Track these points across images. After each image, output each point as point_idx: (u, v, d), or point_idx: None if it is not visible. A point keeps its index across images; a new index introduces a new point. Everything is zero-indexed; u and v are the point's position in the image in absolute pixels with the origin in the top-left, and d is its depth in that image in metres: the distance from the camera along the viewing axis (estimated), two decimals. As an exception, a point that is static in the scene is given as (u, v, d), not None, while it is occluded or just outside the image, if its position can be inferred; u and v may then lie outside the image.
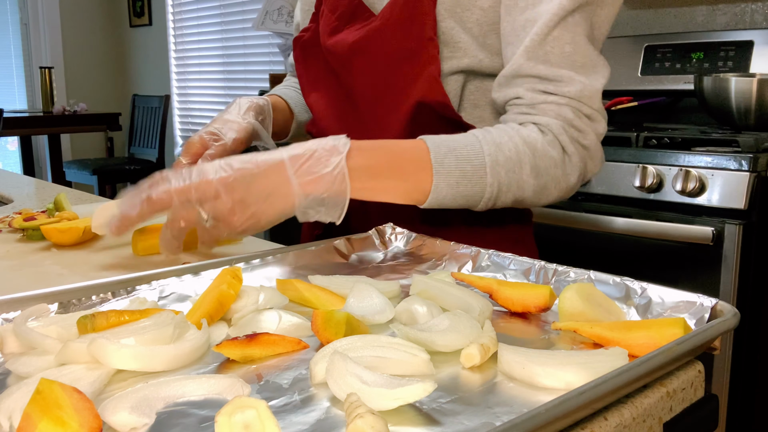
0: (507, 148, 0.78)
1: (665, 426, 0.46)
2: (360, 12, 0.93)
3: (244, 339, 0.49)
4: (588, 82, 0.82)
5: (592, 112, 0.83)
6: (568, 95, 0.81)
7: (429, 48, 0.86)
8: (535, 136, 0.80)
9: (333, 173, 0.69)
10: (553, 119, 0.81)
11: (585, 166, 0.83)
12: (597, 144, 0.84)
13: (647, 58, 2.17)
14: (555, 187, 0.82)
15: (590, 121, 0.83)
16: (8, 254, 0.83)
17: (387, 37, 0.88)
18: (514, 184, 0.79)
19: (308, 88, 1.01)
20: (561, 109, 0.81)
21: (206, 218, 0.68)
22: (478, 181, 0.77)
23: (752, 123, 1.76)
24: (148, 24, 4.92)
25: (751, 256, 1.49)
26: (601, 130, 0.84)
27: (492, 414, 0.41)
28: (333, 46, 0.93)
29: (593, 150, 0.83)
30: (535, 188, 0.80)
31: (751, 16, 2.08)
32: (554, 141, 0.81)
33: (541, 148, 0.79)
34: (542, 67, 0.81)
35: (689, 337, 0.46)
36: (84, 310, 0.56)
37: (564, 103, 0.81)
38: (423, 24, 0.85)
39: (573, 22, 0.81)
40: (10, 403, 0.41)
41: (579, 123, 0.82)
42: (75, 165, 4.52)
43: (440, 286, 0.60)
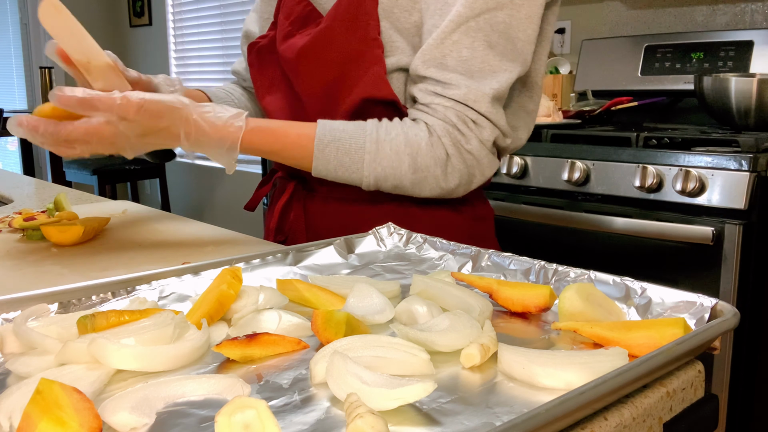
0: (389, 146, 0.85)
1: (665, 426, 0.46)
2: (313, 17, 0.94)
3: (244, 339, 0.49)
4: (476, 86, 0.84)
5: (477, 117, 0.85)
6: (452, 98, 0.85)
7: (373, 48, 0.88)
8: (421, 135, 0.85)
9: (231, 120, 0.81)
10: (439, 121, 0.85)
11: (470, 169, 0.87)
12: (482, 149, 0.87)
13: (647, 58, 2.17)
14: (435, 184, 0.87)
15: (475, 125, 0.85)
16: (8, 254, 0.83)
17: (332, 40, 0.89)
18: (391, 176, 0.86)
19: (262, 91, 1.03)
20: (447, 111, 0.85)
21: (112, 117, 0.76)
22: (355, 171, 0.86)
23: (752, 123, 1.76)
24: (148, 24, 4.92)
25: (751, 256, 1.49)
26: (486, 136, 0.86)
27: (492, 414, 0.41)
28: (284, 51, 0.95)
29: (478, 155, 0.86)
30: (413, 180, 0.86)
31: (751, 16, 2.08)
32: (438, 142, 0.85)
33: (425, 148, 0.85)
34: (434, 70, 0.85)
35: (689, 337, 0.46)
36: (84, 310, 0.56)
37: (449, 105, 0.85)
38: (367, 25, 0.88)
39: (475, 28, 0.84)
40: (10, 403, 0.41)
41: (462, 127, 0.85)
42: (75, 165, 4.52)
43: (440, 286, 0.60)
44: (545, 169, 1.76)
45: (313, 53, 0.91)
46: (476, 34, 0.84)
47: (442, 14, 0.86)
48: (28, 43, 5.07)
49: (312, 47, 0.91)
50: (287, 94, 0.98)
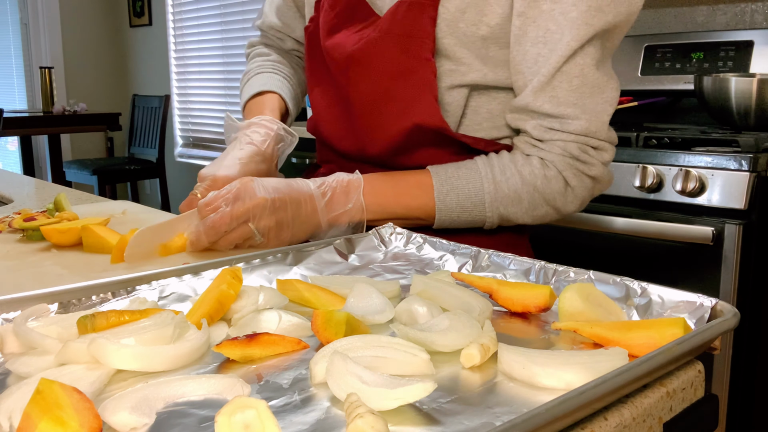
0: (507, 187, 0.86)
1: (665, 426, 0.46)
2: (360, 9, 0.91)
3: (244, 339, 0.49)
4: (594, 117, 0.84)
5: (599, 143, 0.86)
6: (574, 132, 0.84)
7: (426, 69, 0.85)
8: (536, 172, 0.85)
9: (353, 209, 0.84)
10: (558, 155, 0.85)
11: (591, 191, 0.89)
12: (604, 171, 0.87)
13: (647, 58, 2.17)
14: (555, 213, 0.89)
15: (597, 151, 0.86)
16: (8, 254, 0.83)
17: (384, 52, 0.87)
18: (512, 216, 0.87)
19: (312, 82, 1.01)
20: (567, 145, 0.85)
21: (257, 235, 0.79)
22: (477, 214, 0.87)
23: (752, 123, 1.76)
24: (148, 24, 4.92)
25: (751, 256, 1.49)
26: (608, 158, 0.87)
27: (492, 414, 0.41)
28: (331, 49, 0.92)
29: (600, 177, 0.88)
30: (533, 217, 0.88)
31: (751, 16, 2.08)
32: (557, 176, 0.86)
33: (541, 185, 0.86)
34: (548, 106, 0.84)
35: (689, 337, 0.46)
36: (84, 310, 0.56)
37: (570, 140, 0.85)
38: (421, 42, 0.85)
39: (582, 55, 0.82)
40: (10, 403, 0.41)
41: (585, 157, 0.85)
42: (75, 165, 4.52)
43: (440, 286, 0.60)
44: (545, 169, 1.76)
45: (364, 62, 0.89)
46: (584, 60, 0.83)
47: (546, 42, 0.82)
48: (28, 43, 5.07)
49: (362, 55, 0.89)
50: (332, 93, 0.96)
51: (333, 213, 0.83)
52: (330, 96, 0.97)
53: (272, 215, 0.78)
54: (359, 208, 0.84)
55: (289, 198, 0.80)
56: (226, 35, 4.21)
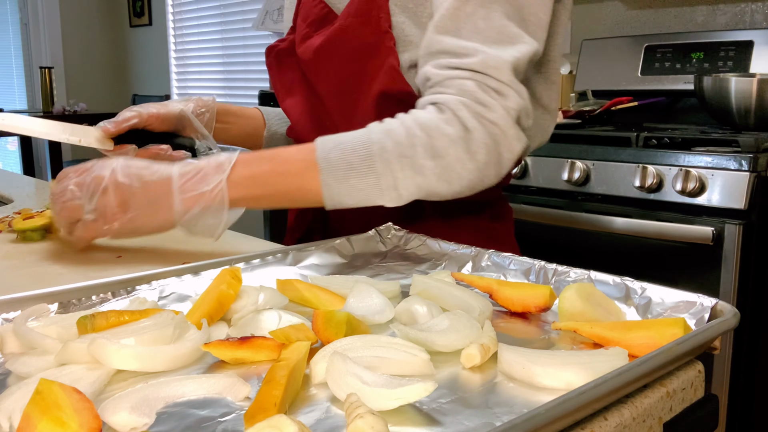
0: (397, 133, 0.75)
1: (665, 426, 0.46)
2: (330, 18, 0.94)
3: (236, 341, 0.48)
4: (495, 53, 0.77)
5: (499, 86, 0.77)
6: (470, 67, 0.77)
7: (385, 40, 0.86)
8: (429, 116, 0.77)
9: (213, 191, 0.73)
10: (452, 95, 0.77)
11: (497, 143, 0.77)
12: (507, 119, 0.77)
13: (647, 58, 2.17)
14: (462, 168, 0.76)
15: (498, 94, 0.77)
16: (8, 254, 0.83)
17: (347, 36, 0.89)
18: (409, 169, 0.75)
19: (282, 94, 1.03)
20: (463, 83, 0.77)
21: (88, 210, 0.73)
22: (367, 171, 0.75)
23: (752, 123, 1.76)
24: (148, 24, 4.92)
25: (751, 256, 1.49)
26: (513, 105, 0.77)
27: (492, 414, 0.41)
28: (302, 52, 0.95)
29: (503, 125, 0.77)
30: (435, 170, 0.75)
31: (751, 16, 2.08)
32: (452, 118, 0.76)
33: (435, 127, 0.75)
34: (449, 39, 0.78)
35: (689, 337, 0.46)
36: (84, 310, 0.56)
37: (467, 76, 0.77)
38: (378, 18, 0.86)
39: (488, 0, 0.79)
40: (10, 403, 0.41)
41: (483, 96, 0.76)
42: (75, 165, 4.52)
43: (440, 286, 0.60)
44: (545, 169, 1.76)
45: (330, 50, 0.90)
46: (492, 5, 0.78)
47: None
48: (28, 43, 5.07)
49: (328, 45, 0.90)
50: (307, 96, 0.98)
51: (187, 194, 0.73)
52: (304, 98, 0.99)
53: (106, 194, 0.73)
54: (219, 192, 0.73)
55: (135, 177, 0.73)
56: (226, 35, 4.21)
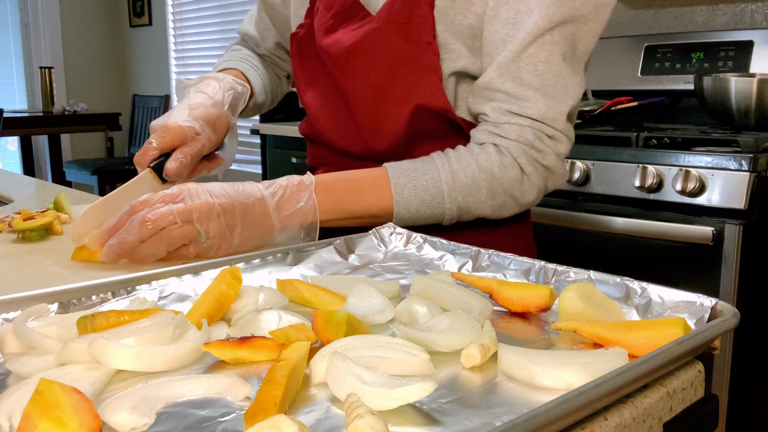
0: (464, 175, 0.84)
1: (665, 426, 0.46)
2: (355, 11, 0.92)
3: (236, 341, 0.48)
4: (553, 104, 0.84)
5: (555, 133, 0.85)
6: (531, 116, 0.84)
7: (428, 53, 0.86)
8: (492, 159, 0.85)
9: (306, 207, 0.80)
10: (514, 141, 0.85)
11: (545, 181, 0.88)
12: (558, 162, 0.87)
13: (647, 58, 2.17)
14: (514, 204, 0.87)
15: (552, 141, 0.85)
16: (8, 254, 0.83)
17: (385, 40, 0.88)
18: (472, 206, 0.86)
19: (304, 87, 1.01)
20: (523, 130, 0.84)
21: (204, 238, 0.75)
22: (436, 206, 0.85)
23: (752, 123, 1.76)
24: (148, 24, 4.92)
25: (751, 256, 1.49)
26: (563, 150, 0.87)
27: (492, 414, 0.41)
28: (329, 46, 0.93)
29: (554, 168, 0.87)
30: (492, 207, 0.86)
31: (751, 16, 2.08)
32: (513, 163, 0.85)
33: (498, 172, 0.85)
34: (510, 85, 0.84)
35: (689, 337, 0.46)
36: (84, 310, 0.56)
37: (527, 125, 0.84)
38: (421, 28, 0.86)
39: (550, 41, 0.83)
40: (10, 403, 0.41)
41: (540, 144, 0.85)
42: (75, 165, 4.52)
43: (440, 286, 0.60)
44: (545, 169, 1.76)
45: (363, 53, 0.89)
46: (551, 47, 0.83)
47: (515, 23, 0.84)
48: (28, 43, 5.07)
49: (362, 46, 0.89)
50: (328, 92, 0.96)
51: (284, 212, 0.79)
52: (325, 95, 0.97)
53: (219, 218, 0.75)
54: (311, 208, 0.80)
55: (236, 201, 0.77)
56: (226, 35, 4.21)
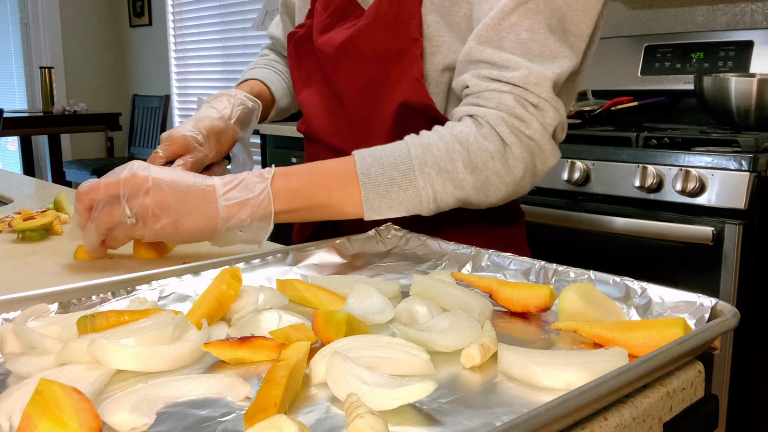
0: (436, 148, 0.76)
1: (665, 426, 0.46)
2: (352, 9, 0.92)
3: (236, 341, 0.48)
4: (537, 69, 0.77)
5: (539, 101, 0.77)
6: (511, 81, 0.77)
7: (413, 48, 0.85)
8: (467, 130, 0.77)
9: (258, 197, 0.72)
10: (492, 109, 0.78)
11: (533, 157, 0.79)
12: (544, 134, 0.78)
13: (647, 58, 2.17)
14: (500, 182, 0.78)
15: (536, 110, 0.78)
16: (8, 254, 0.83)
17: (373, 37, 0.87)
18: (449, 183, 0.76)
19: (300, 85, 1.01)
20: (502, 96, 0.77)
21: (129, 215, 0.70)
22: (408, 185, 0.76)
23: (752, 123, 1.76)
24: (148, 24, 4.92)
25: (751, 256, 1.49)
26: (550, 121, 0.78)
27: (492, 414, 0.41)
28: (323, 44, 0.93)
29: (540, 140, 0.78)
30: (474, 184, 0.77)
31: (751, 16, 2.08)
32: (491, 132, 0.77)
33: (474, 142, 0.76)
34: (490, 51, 0.78)
35: (689, 337, 0.46)
36: (84, 310, 0.56)
37: (506, 90, 0.77)
38: (409, 24, 0.85)
39: (534, 9, 0.78)
40: (10, 403, 0.41)
41: (521, 112, 0.77)
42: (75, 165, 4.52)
43: (440, 286, 0.60)
44: (545, 169, 1.76)
45: (353, 50, 0.88)
46: (536, 16, 0.78)
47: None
48: (28, 43, 5.07)
49: (352, 43, 0.88)
50: (324, 91, 0.96)
51: (232, 201, 0.72)
52: (320, 93, 0.97)
53: (148, 194, 0.69)
54: (265, 198, 0.72)
55: (177, 181, 0.71)
56: (226, 35, 4.21)
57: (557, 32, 0.80)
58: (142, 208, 0.70)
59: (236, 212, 0.72)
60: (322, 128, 0.97)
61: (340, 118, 0.94)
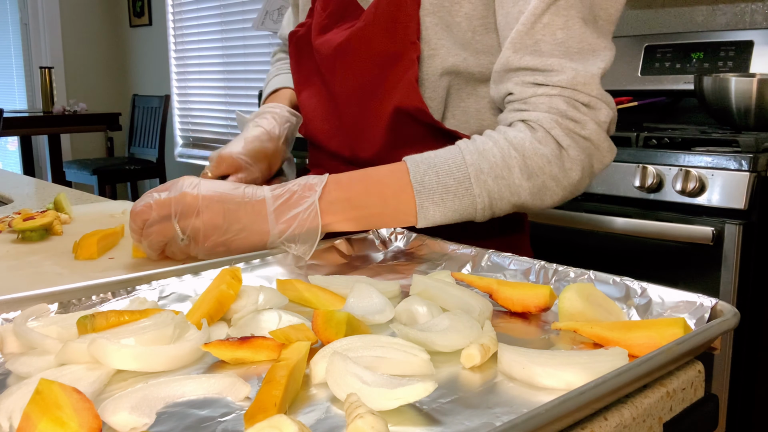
0: (491, 154, 0.75)
1: (665, 426, 0.46)
2: (351, 10, 0.91)
3: (236, 341, 0.48)
4: (582, 68, 0.76)
5: (590, 100, 0.76)
6: (559, 84, 0.76)
7: (410, 52, 0.84)
8: (522, 135, 0.76)
9: (307, 211, 0.72)
10: (544, 113, 0.76)
11: (590, 158, 0.77)
12: (600, 133, 0.77)
13: (647, 58, 2.17)
14: (557, 185, 0.76)
15: (588, 109, 0.76)
16: (8, 254, 0.83)
17: (370, 39, 0.86)
18: (505, 190, 0.75)
19: (300, 85, 1.01)
20: (552, 100, 0.76)
21: (182, 236, 0.71)
22: (464, 193, 0.74)
23: (752, 123, 1.76)
24: (148, 24, 4.92)
25: (751, 256, 1.49)
26: (603, 118, 0.77)
27: (492, 414, 0.41)
28: (320, 45, 0.93)
29: (596, 140, 0.77)
30: (531, 190, 0.76)
31: (751, 16, 2.08)
32: (546, 136, 0.76)
33: (530, 147, 0.75)
34: (530, 58, 0.77)
35: (689, 337, 0.46)
36: (84, 310, 0.56)
37: (555, 93, 0.76)
38: (406, 27, 0.83)
39: (565, 5, 0.76)
40: (10, 403, 0.41)
41: (574, 113, 0.76)
42: (75, 165, 4.52)
43: (440, 286, 0.60)
44: (545, 169, 1.76)
45: (351, 52, 0.88)
46: (568, 12, 0.75)
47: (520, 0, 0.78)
48: (28, 43, 5.07)
49: (349, 45, 0.87)
50: (321, 92, 0.96)
51: (283, 217, 0.72)
52: (318, 95, 0.97)
53: (199, 215, 0.70)
54: (313, 211, 0.72)
55: (226, 198, 0.71)
56: (226, 35, 4.21)
57: (591, 23, 0.78)
58: (194, 229, 0.70)
59: (287, 227, 0.72)
60: (319, 131, 0.97)
61: (335, 121, 0.94)
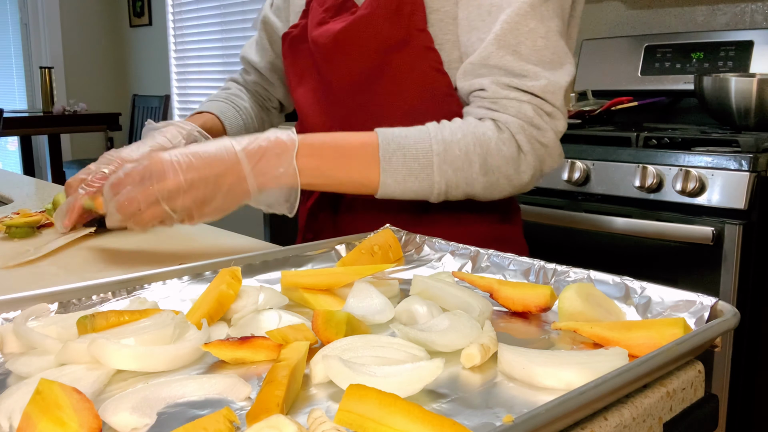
0: (458, 147, 0.80)
1: (665, 426, 0.46)
2: (348, 6, 0.92)
3: (236, 341, 0.48)
4: (553, 78, 0.82)
5: (553, 110, 0.82)
6: (531, 91, 0.81)
7: (422, 38, 0.85)
8: (490, 134, 0.81)
9: (286, 173, 0.76)
10: (513, 117, 0.81)
11: (542, 162, 0.84)
12: (556, 141, 0.84)
13: (647, 58, 2.17)
14: (508, 184, 0.83)
15: (550, 118, 0.82)
16: (6, 254, 0.83)
17: (373, 26, 0.87)
18: (462, 181, 0.81)
19: (294, 83, 1.01)
20: (522, 106, 0.81)
21: (174, 217, 0.74)
22: (425, 178, 0.80)
23: (752, 123, 1.76)
24: (148, 24, 4.92)
25: (751, 256, 1.49)
26: (561, 128, 0.84)
27: (492, 414, 0.41)
28: (318, 37, 0.93)
29: (552, 147, 0.84)
30: (485, 184, 0.82)
31: (751, 16, 2.08)
32: (510, 139, 0.81)
33: (494, 147, 0.81)
34: (510, 59, 0.81)
35: (689, 337, 0.46)
36: (84, 310, 0.56)
37: (526, 100, 0.81)
38: (411, 14, 0.85)
39: (547, 15, 0.81)
40: (10, 403, 0.41)
41: (539, 121, 0.82)
42: (75, 165, 4.52)
43: (440, 286, 0.60)
44: (545, 169, 1.76)
45: (351, 39, 0.88)
46: (550, 22, 0.81)
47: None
48: (28, 43, 5.07)
49: (350, 32, 0.88)
50: (316, 87, 0.96)
51: (261, 177, 0.75)
52: (313, 90, 0.97)
53: (188, 194, 0.73)
54: (292, 174, 0.76)
55: (206, 173, 0.73)
56: (226, 35, 4.21)
57: (563, 36, 0.83)
58: (184, 208, 0.74)
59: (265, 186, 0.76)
60: (317, 126, 0.97)
61: (332, 116, 0.94)
